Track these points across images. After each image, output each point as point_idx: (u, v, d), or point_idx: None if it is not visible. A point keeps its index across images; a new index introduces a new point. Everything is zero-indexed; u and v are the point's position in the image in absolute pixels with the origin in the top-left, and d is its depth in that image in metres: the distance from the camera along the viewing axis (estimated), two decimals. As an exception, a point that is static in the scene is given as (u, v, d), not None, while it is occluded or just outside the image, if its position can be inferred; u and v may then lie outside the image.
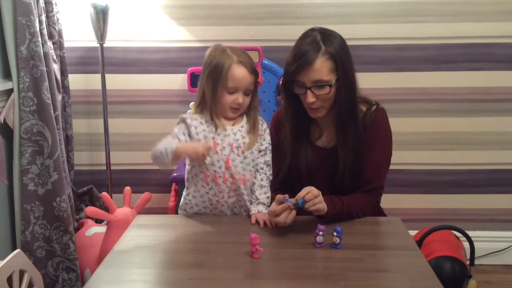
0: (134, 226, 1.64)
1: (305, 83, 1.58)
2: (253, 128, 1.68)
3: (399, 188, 2.65)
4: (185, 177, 1.72)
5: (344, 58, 1.60)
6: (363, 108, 1.71)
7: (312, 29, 1.63)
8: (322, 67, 1.56)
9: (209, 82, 1.63)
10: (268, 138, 1.72)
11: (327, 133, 1.73)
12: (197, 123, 1.65)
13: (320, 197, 1.50)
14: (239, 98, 1.61)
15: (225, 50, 1.63)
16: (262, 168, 1.68)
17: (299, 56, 1.57)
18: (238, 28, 2.53)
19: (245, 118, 1.69)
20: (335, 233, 1.43)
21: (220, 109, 1.65)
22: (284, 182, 1.73)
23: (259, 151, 1.69)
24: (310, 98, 1.59)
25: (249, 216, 1.66)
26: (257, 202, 1.65)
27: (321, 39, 1.58)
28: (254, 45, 2.49)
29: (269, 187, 1.69)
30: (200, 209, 1.70)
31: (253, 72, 1.63)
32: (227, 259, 1.39)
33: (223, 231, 1.58)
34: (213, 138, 1.64)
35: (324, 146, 1.73)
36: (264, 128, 1.72)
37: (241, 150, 1.65)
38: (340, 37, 1.63)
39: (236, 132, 1.66)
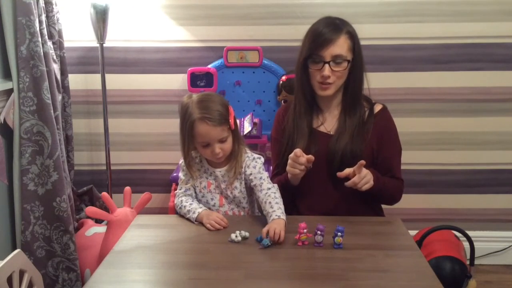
0: (134, 226, 1.64)
1: (324, 57, 1.67)
2: (231, 171, 1.68)
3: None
4: None
5: (358, 41, 1.73)
6: (365, 104, 1.81)
7: (328, 16, 1.75)
8: (343, 44, 1.68)
9: (182, 136, 1.65)
10: (256, 165, 1.69)
11: (330, 119, 1.80)
12: (193, 162, 1.71)
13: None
14: (215, 149, 1.61)
15: (188, 106, 1.62)
16: (269, 189, 1.64)
17: (322, 33, 1.67)
18: (238, 28, 2.53)
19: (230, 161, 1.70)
20: (339, 233, 1.43)
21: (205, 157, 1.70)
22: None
23: (253, 186, 1.68)
24: (327, 71, 1.67)
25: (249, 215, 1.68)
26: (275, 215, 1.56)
27: (339, 22, 1.71)
28: (254, 45, 2.49)
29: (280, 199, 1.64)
30: None
31: (219, 123, 1.59)
32: (227, 259, 1.39)
33: (223, 231, 1.57)
34: (206, 178, 1.71)
35: (326, 132, 1.79)
36: (248, 164, 1.69)
37: (229, 191, 1.69)
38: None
39: (224, 174, 1.69)
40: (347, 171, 1.59)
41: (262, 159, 1.71)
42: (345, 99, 1.78)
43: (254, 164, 1.68)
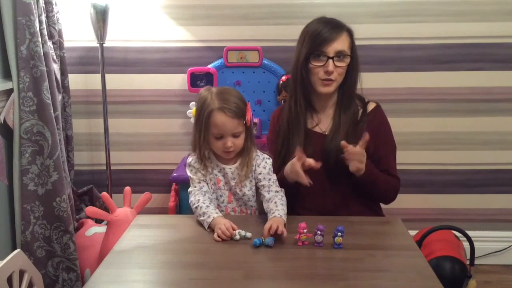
0: (134, 226, 1.64)
1: (328, 53, 1.70)
2: (243, 170, 1.67)
3: (399, 188, 2.65)
4: None
5: (354, 41, 1.76)
6: (358, 103, 1.82)
7: (322, 17, 1.77)
8: (345, 40, 1.73)
9: (197, 127, 1.65)
10: (266, 166, 1.69)
11: (324, 119, 1.81)
12: (203, 158, 1.69)
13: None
14: (227, 142, 1.61)
15: (207, 97, 1.62)
16: (277, 192, 1.66)
17: (324, 31, 1.71)
18: (238, 28, 2.53)
19: (240, 158, 1.69)
20: (339, 233, 1.43)
21: (215, 151, 1.68)
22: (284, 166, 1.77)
23: (260, 186, 1.69)
24: (331, 67, 1.70)
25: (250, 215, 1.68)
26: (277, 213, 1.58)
27: (338, 21, 1.76)
28: (254, 45, 2.49)
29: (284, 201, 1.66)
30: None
31: (236, 116, 1.60)
32: (227, 259, 1.39)
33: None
34: (216, 175, 1.69)
35: (321, 132, 1.80)
36: (259, 163, 1.69)
37: (239, 189, 1.68)
38: None
39: (233, 171, 1.69)
40: (352, 147, 1.61)
41: (271, 160, 1.72)
42: (340, 98, 1.79)
43: (264, 165, 1.69)
